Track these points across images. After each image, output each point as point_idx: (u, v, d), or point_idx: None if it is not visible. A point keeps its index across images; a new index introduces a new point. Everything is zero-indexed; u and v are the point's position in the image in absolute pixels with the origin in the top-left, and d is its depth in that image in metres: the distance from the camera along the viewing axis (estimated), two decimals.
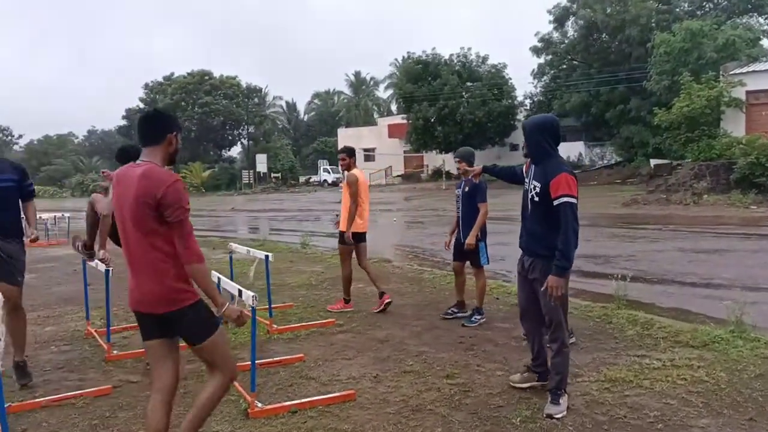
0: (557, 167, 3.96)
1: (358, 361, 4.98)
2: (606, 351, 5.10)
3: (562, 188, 3.85)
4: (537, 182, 4.02)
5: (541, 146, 4.08)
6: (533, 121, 4.23)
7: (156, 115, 3.23)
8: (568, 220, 3.81)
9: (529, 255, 4.17)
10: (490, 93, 45.22)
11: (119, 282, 4.83)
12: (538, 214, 4.05)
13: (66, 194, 60.51)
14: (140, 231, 2.86)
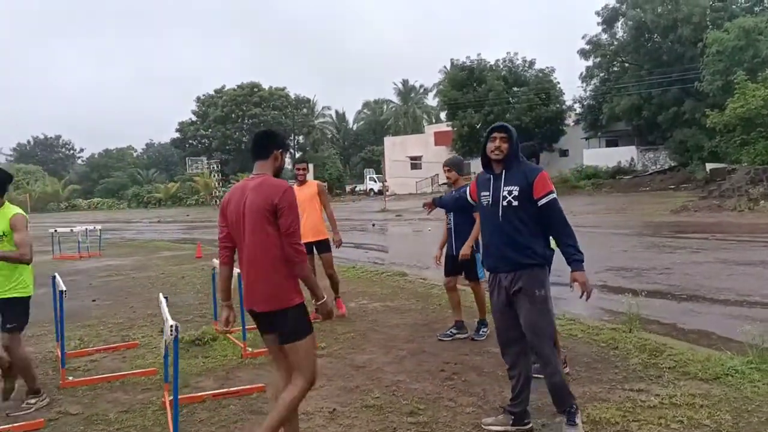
0: (533, 167, 3.79)
1: (321, 393, 4.55)
2: (601, 383, 4.51)
3: (547, 186, 3.68)
4: (514, 186, 3.69)
5: (517, 151, 3.79)
6: (513, 128, 3.84)
7: (266, 133, 3.57)
8: (561, 215, 3.68)
9: (510, 269, 3.71)
10: (537, 98, 44.14)
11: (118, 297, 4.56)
12: (518, 221, 3.68)
13: (123, 206, 62.41)
14: (258, 235, 3.19)
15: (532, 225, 3.67)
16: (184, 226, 29.08)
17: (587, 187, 37.57)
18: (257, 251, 3.21)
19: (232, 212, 3.32)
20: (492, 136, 3.74)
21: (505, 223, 3.70)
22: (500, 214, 3.71)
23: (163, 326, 6.71)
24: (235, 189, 3.41)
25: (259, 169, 3.41)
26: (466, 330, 6.04)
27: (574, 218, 21.52)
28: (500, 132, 3.74)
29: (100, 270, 12.64)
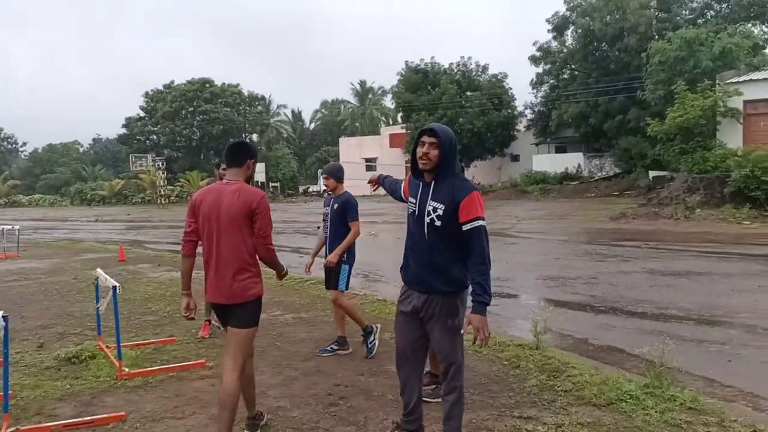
0: (468, 185, 3.32)
1: (186, 422, 4.14)
2: (491, 409, 4.23)
3: (475, 210, 3.24)
4: (439, 203, 3.28)
5: (453, 162, 3.36)
6: (449, 133, 3.40)
7: (242, 144, 3.86)
8: (485, 248, 3.23)
9: (424, 291, 3.38)
10: (489, 103, 44.37)
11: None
12: (439, 243, 3.31)
13: (66, 203, 60.23)
14: (233, 234, 3.57)
15: (454, 248, 3.28)
16: (121, 226, 28.05)
17: (535, 192, 37.88)
18: (229, 250, 3.59)
19: (205, 212, 3.63)
20: (421, 140, 3.34)
21: (426, 241, 3.34)
22: (425, 230, 3.34)
23: (42, 341, 6.20)
24: (209, 190, 3.72)
25: (233, 175, 3.71)
26: (348, 347, 5.77)
27: (518, 224, 21.57)
28: (430, 136, 3.32)
29: (10, 273, 11.87)
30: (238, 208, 3.56)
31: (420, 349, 3.51)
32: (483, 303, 3.16)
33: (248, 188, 3.65)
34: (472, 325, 3.19)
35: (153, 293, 9.16)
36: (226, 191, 3.61)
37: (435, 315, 3.35)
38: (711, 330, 6.50)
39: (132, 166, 50.91)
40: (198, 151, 61.47)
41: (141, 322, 7.24)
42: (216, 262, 3.62)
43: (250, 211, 3.57)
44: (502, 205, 32.15)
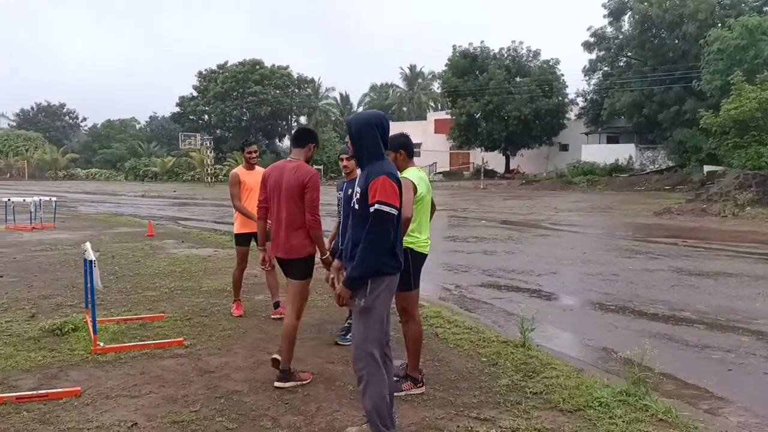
0: (379, 169, 3.31)
1: (139, 402, 4.08)
2: (450, 407, 4.02)
3: (379, 193, 3.23)
4: (359, 187, 3.34)
5: (369, 148, 3.34)
6: (362, 118, 3.43)
7: (306, 130, 4.73)
8: (375, 230, 3.20)
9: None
10: (539, 90, 43.35)
11: None
12: (360, 227, 3.29)
13: (120, 178, 62.11)
14: (291, 203, 4.40)
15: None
16: (165, 202, 28.67)
17: (582, 184, 36.90)
18: (287, 216, 4.40)
19: (271, 184, 4.50)
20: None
21: (352, 226, 3.41)
22: (350, 215, 3.43)
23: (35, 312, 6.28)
24: (275, 167, 4.57)
25: (296, 155, 4.55)
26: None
27: (555, 215, 20.98)
28: (348, 129, 3.46)
29: (40, 243, 12.22)
30: (294, 182, 4.35)
31: None
32: (349, 277, 3.27)
33: (305, 166, 4.45)
34: (336, 292, 3.40)
35: (164, 269, 9.23)
36: (288, 168, 4.45)
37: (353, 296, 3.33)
38: (719, 336, 6.08)
39: (181, 144, 52.01)
40: (246, 132, 62.18)
41: (140, 297, 7.27)
42: (277, 225, 4.45)
43: (303, 185, 4.35)
44: (545, 196, 31.44)
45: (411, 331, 4.26)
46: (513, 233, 15.50)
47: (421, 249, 4.28)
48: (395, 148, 4.38)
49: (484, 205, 25.90)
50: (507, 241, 13.75)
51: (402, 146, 4.40)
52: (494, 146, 46.17)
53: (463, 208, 24.46)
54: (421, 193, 4.25)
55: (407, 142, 4.45)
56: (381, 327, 3.34)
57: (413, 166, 4.40)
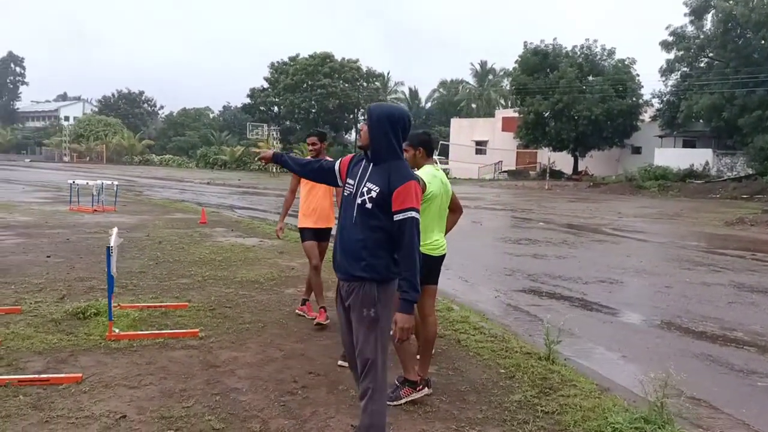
0: (406, 172, 3.09)
1: (135, 393, 4.03)
2: (451, 422, 3.78)
3: (410, 200, 3.00)
4: (375, 186, 3.03)
5: (390, 142, 3.08)
6: (384, 109, 3.16)
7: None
8: (414, 241, 3.00)
9: (346, 279, 3.13)
10: (612, 89, 41.77)
11: None
12: (365, 227, 3.04)
13: (191, 165, 64.07)
14: None
15: (380, 236, 3.02)
16: (227, 191, 29.29)
17: (653, 189, 35.35)
18: None
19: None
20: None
21: (357, 223, 3.08)
22: (354, 212, 3.09)
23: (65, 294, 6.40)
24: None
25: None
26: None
27: (618, 220, 20.12)
28: (367, 115, 3.16)
29: (96, 226, 12.62)
30: None
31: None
32: (408, 301, 2.98)
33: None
34: (397, 323, 3.01)
35: (205, 257, 9.31)
36: None
37: (352, 305, 3.09)
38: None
39: (249, 134, 53.11)
40: (314, 124, 62.89)
41: (171, 285, 7.33)
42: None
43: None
44: (611, 200, 30.29)
45: None
46: (569, 237, 14.92)
47: (430, 251, 4.05)
48: (416, 145, 4.21)
49: (545, 207, 25.16)
50: (560, 245, 13.22)
51: (423, 143, 4.23)
52: (562, 146, 44.88)
53: (522, 209, 23.84)
54: (431, 192, 4.02)
55: (428, 141, 4.29)
56: (388, 337, 3.14)
57: (430, 165, 4.17)
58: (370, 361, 3.04)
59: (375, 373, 3.03)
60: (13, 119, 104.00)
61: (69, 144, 71.45)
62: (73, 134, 73.23)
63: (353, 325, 3.11)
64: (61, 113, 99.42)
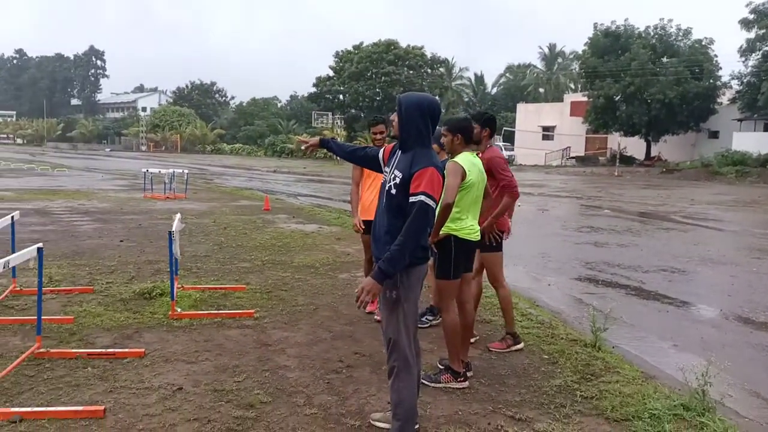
0: (428, 159, 3.17)
1: (192, 368, 4.31)
2: (488, 403, 3.87)
3: (425, 184, 3.08)
4: (400, 172, 3.18)
5: (418, 131, 3.20)
6: (413, 99, 3.29)
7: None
8: (415, 224, 3.07)
9: (376, 261, 3.26)
10: (687, 71, 40.00)
11: None
12: (391, 212, 3.20)
13: (260, 153, 65.67)
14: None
15: (403, 219, 3.12)
16: (292, 178, 29.95)
17: (730, 175, 33.75)
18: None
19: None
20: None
21: (384, 210, 3.25)
22: (384, 198, 3.27)
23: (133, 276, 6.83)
24: None
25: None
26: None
27: (689, 207, 19.38)
28: (397, 106, 3.26)
29: (168, 212, 13.23)
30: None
31: None
32: (381, 269, 3.04)
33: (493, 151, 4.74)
34: (361, 285, 3.09)
35: (265, 242, 9.66)
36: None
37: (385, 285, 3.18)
38: None
39: (314, 123, 53.92)
40: (378, 112, 63.08)
41: (233, 268, 7.67)
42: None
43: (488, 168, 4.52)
44: (685, 187, 29.14)
45: (446, 322, 4.13)
46: (634, 225, 14.53)
47: (466, 235, 4.12)
48: (454, 131, 4.26)
49: (613, 194, 24.50)
50: (624, 233, 12.92)
51: (461, 130, 4.26)
52: (634, 131, 43.39)
53: (589, 196, 23.32)
54: (470, 180, 4.09)
55: (467, 127, 4.30)
56: (413, 318, 3.26)
57: (468, 152, 4.23)
58: (393, 341, 3.18)
59: (399, 352, 3.17)
60: (95, 110, 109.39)
61: (146, 134, 74.62)
62: (149, 124, 76.38)
63: (379, 306, 3.24)
64: (139, 104, 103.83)
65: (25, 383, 3.92)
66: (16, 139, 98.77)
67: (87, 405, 3.59)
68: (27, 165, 33.44)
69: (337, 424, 3.54)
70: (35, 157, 45.61)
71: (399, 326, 3.19)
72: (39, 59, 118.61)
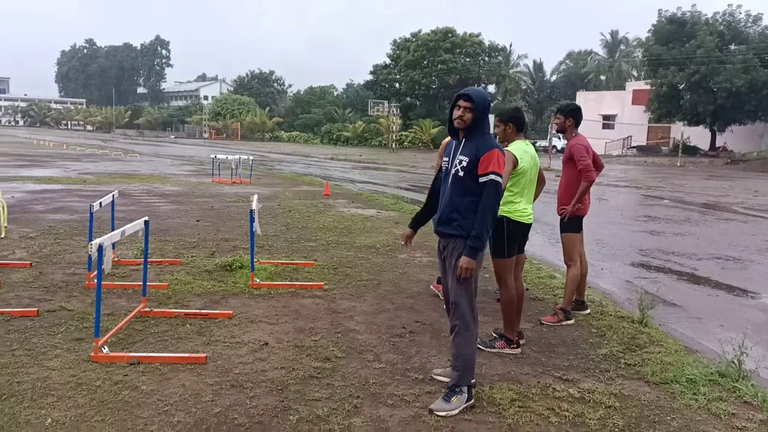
0: (491, 143, 3.66)
1: (274, 328, 4.90)
2: (538, 366, 4.30)
3: (493, 165, 3.56)
4: (465, 157, 3.65)
5: (481, 123, 3.68)
6: (482, 94, 3.75)
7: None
8: (491, 200, 3.56)
9: (444, 236, 3.80)
10: (756, 59, 38.63)
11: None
12: (459, 192, 3.67)
13: (316, 141, 66.86)
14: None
15: (470, 198, 3.61)
16: (349, 165, 30.65)
17: None
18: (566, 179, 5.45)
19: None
20: (458, 104, 3.68)
21: (450, 191, 3.72)
22: (450, 182, 3.73)
23: (214, 251, 7.50)
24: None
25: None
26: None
27: (751, 199, 19.02)
28: (466, 101, 3.65)
29: (235, 195, 14.03)
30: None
31: None
32: (473, 248, 3.52)
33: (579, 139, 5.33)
34: (460, 264, 3.54)
35: (328, 225, 10.25)
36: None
37: (446, 258, 3.72)
38: None
39: (370, 111, 54.53)
40: (434, 100, 63.38)
41: (300, 247, 8.28)
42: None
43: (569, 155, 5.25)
44: (750, 178, 28.39)
45: (503, 296, 4.57)
46: (693, 215, 14.50)
47: (519, 218, 4.55)
48: (506, 120, 4.71)
49: (674, 184, 24.19)
50: (682, 223, 12.96)
51: (512, 119, 4.70)
52: (698, 120, 42.24)
53: (649, 186, 23.13)
54: (522, 167, 4.50)
55: (518, 117, 4.75)
56: (476, 285, 3.73)
57: (520, 140, 4.64)
58: (456, 303, 3.66)
59: (461, 313, 3.64)
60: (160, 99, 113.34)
61: (208, 122, 76.97)
62: (211, 112, 78.72)
63: (448, 274, 3.73)
64: (201, 93, 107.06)
65: (136, 335, 4.58)
66: (86, 125, 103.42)
67: (191, 353, 4.20)
68: (100, 150, 35.29)
69: (403, 376, 4.04)
70: (106, 143, 47.95)
71: (462, 292, 3.65)
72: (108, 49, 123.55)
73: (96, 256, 3.90)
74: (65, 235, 8.44)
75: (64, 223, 9.39)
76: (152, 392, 3.63)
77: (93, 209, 5.71)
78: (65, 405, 3.42)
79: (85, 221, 8.03)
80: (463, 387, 3.62)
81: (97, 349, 4.06)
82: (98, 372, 3.87)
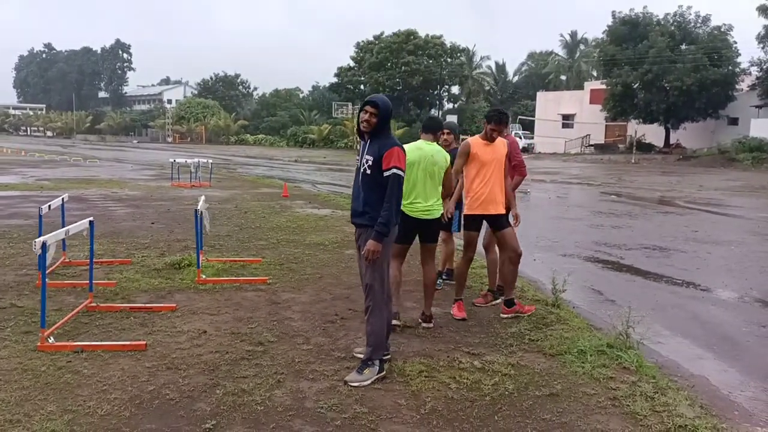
0: (391, 141, 4.12)
1: (215, 318, 5.28)
2: (451, 344, 4.78)
3: (394, 160, 4.02)
4: (370, 156, 4.10)
5: (384, 126, 4.14)
6: (386, 101, 4.21)
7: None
8: (394, 191, 4.02)
9: (357, 226, 4.27)
10: (705, 58, 40.05)
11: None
12: (367, 187, 4.13)
13: (282, 143, 66.89)
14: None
15: (378, 192, 4.06)
16: (312, 168, 30.97)
17: (746, 162, 33.96)
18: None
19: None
20: (365, 109, 4.11)
21: (360, 187, 4.18)
22: (360, 178, 4.19)
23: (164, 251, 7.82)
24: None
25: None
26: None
27: (695, 193, 19.94)
28: (372, 107, 4.09)
29: (193, 199, 14.25)
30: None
31: None
32: (378, 232, 3.98)
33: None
34: (367, 247, 4.00)
35: (281, 224, 10.63)
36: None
37: (359, 246, 4.19)
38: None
39: (334, 113, 54.86)
40: (399, 102, 63.90)
41: (251, 245, 8.65)
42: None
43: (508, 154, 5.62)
44: (699, 174, 29.53)
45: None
46: (635, 209, 15.24)
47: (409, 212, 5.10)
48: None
49: (624, 180, 25.14)
50: (622, 216, 13.66)
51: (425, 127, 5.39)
52: (652, 118, 43.60)
53: (600, 183, 23.99)
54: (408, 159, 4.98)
55: (428, 124, 5.41)
56: (386, 268, 4.19)
57: (421, 141, 5.24)
58: (369, 285, 4.12)
59: (373, 295, 4.10)
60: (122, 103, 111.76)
61: (172, 125, 76.38)
62: (175, 116, 78.13)
63: (360, 260, 4.18)
64: (164, 96, 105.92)
65: (82, 328, 4.92)
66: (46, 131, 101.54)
67: (132, 341, 4.57)
68: (59, 156, 34.97)
69: (327, 356, 4.47)
70: (66, 149, 47.37)
71: (374, 275, 4.11)
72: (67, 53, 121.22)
73: (40, 252, 4.25)
74: (18, 239, 8.67)
75: (19, 228, 9.60)
76: (93, 375, 3.99)
77: (42, 212, 6.01)
78: (11, 387, 3.77)
79: None
80: (375, 360, 4.07)
81: (43, 339, 4.41)
82: (44, 359, 4.22)
